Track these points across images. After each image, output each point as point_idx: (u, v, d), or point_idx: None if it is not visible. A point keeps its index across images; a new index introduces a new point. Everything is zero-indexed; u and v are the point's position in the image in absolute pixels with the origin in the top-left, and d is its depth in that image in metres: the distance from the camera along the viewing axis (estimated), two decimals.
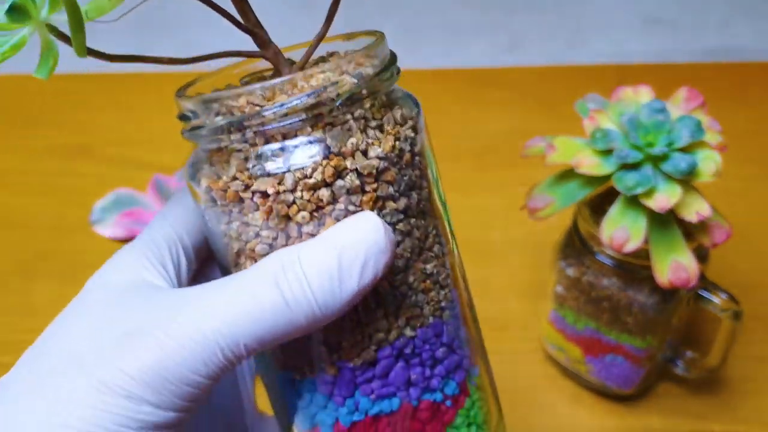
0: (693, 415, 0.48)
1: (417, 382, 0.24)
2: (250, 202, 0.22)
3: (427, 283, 0.24)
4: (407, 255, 0.24)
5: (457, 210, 0.62)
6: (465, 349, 0.26)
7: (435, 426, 0.25)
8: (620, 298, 0.43)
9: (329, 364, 0.24)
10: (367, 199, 0.22)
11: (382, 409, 0.24)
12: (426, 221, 0.25)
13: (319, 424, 0.25)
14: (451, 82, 0.77)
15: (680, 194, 0.38)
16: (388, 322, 0.24)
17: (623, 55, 0.80)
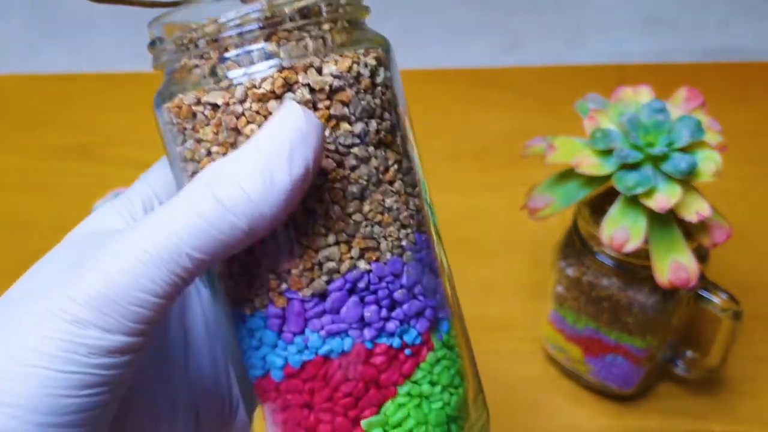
0: (693, 415, 0.48)
1: (371, 321, 0.23)
2: (202, 116, 0.22)
3: (386, 216, 0.23)
4: (363, 182, 0.23)
5: (457, 210, 0.63)
6: (431, 299, 0.25)
7: (391, 375, 0.24)
8: (620, 298, 0.43)
9: (277, 294, 0.23)
10: (318, 116, 0.22)
11: (333, 348, 0.23)
12: (387, 154, 0.24)
13: (270, 367, 0.24)
14: (452, 82, 0.77)
15: (680, 194, 0.38)
16: (340, 251, 0.23)
17: (623, 55, 0.80)
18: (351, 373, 0.23)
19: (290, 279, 0.23)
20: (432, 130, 0.71)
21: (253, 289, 0.24)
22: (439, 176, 0.66)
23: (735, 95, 0.71)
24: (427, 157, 0.74)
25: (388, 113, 0.24)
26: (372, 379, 0.23)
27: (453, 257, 0.61)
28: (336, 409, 0.24)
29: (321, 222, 0.23)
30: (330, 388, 0.23)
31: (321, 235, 0.23)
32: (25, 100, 0.77)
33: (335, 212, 0.23)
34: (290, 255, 0.23)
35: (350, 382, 0.23)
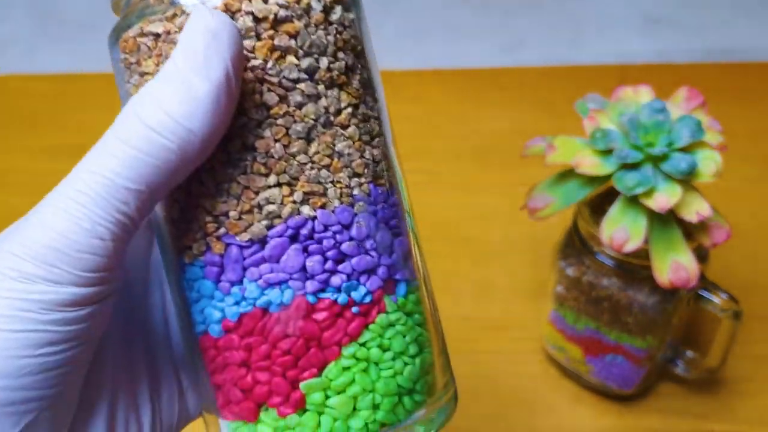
0: (693, 415, 0.48)
1: (314, 273, 0.22)
2: (145, 48, 0.21)
3: (335, 161, 0.22)
4: (310, 121, 0.22)
5: (457, 209, 0.63)
6: (385, 257, 0.23)
7: (335, 334, 0.22)
8: (620, 298, 0.43)
9: (215, 239, 0.22)
10: (261, 45, 0.21)
11: (272, 300, 0.22)
12: (340, 96, 0.22)
13: (208, 321, 0.23)
14: (452, 82, 0.77)
15: (680, 194, 0.38)
16: (282, 193, 0.21)
17: (623, 55, 0.80)
18: (291, 329, 0.22)
19: (228, 222, 0.22)
20: (432, 130, 0.71)
21: (191, 233, 0.22)
22: (439, 176, 0.66)
23: (735, 95, 0.71)
24: (427, 157, 0.74)
25: (343, 53, 0.23)
26: (313, 337, 0.22)
27: (453, 257, 0.61)
28: (274, 369, 0.22)
29: (261, 160, 0.21)
30: (268, 345, 0.22)
31: (261, 174, 0.21)
32: (25, 100, 0.77)
33: (277, 151, 0.21)
34: (228, 195, 0.22)
35: (290, 339, 0.22)
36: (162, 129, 0.19)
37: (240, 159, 0.21)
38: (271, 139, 0.21)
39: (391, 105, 0.82)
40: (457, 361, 0.51)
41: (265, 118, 0.21)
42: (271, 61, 0.21)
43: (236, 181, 0.21)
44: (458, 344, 0.53)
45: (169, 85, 0.19)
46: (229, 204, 0.22)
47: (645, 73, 0.75)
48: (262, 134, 0.21)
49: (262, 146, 0.21)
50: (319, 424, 0.22)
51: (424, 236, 0.66)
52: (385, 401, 0.23)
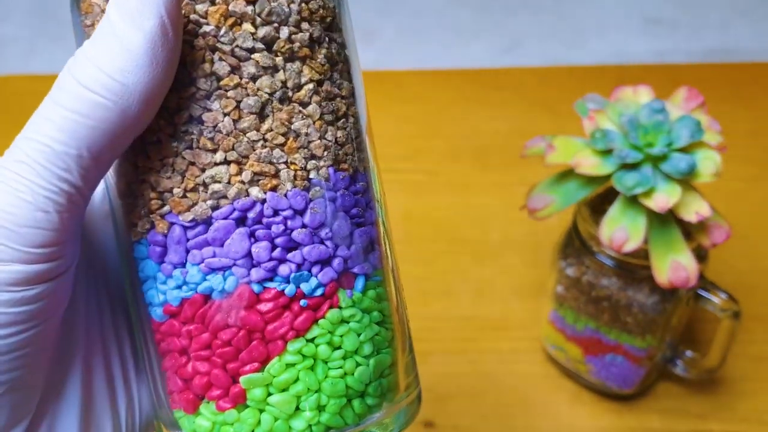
0: (692, 414, 0.48)
1: (260, 260, 0.20)
2: (98, 9, 0.20)
3: (291, 141, 0.20)
4: (264, 95, 0.20)
5: (457, 210, 0.63)
6: (343, 248, 0.21)
7: (280, 327, 0.21)
8: (620, 298, 0.43)
9: (159, 218, 0.21)
10: (214, 10, 0.20)
11: (214, 286, 0.20)
12: (301, 70, 0.21)
13: (151, 303, 0.22)
14: (451, 82, 0.77)
15: (680, 194, 0.38)
16: (229, 172, 0.20)
17: (623, 55, 0.80)
18: (232, 318, 0.20)
19: (171, 199, 0.20)
20: (432, 130, 0.71)
21: (137, 210, 0.21)
22: (439, 176, 0.66)
23: (735, 96, 0.71)
24: (427, 157, 0.74)
25: (308, 24, 0.21)
26: (256, 329, 0.20)
27: (453, 257, 0.61)
28: (214, 359, 0.21)
29: (208, 134, 0.20)
30: (209, 334, 0.21)
31: (207, 150, 0.20)
32: (25, 100, 0.77)
33: (225, 125, 0.20)
34: (172, 170, 0.20)
35: (231, 329, 0.20)
36: (95, 86, 0.18)
37: (186, 132, 0.20)
38: (219, 112, 0.20)
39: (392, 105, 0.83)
40: (457, 361, 0.52)
41: (214, 89, 0.20)
42: (225, 28, 0.20)
43: (181, 156, 0.20)
44: (458, 344, 0.53)
45: (102, 40, 0.18)
46: (173, 180, 0.20)
47: (644, 74, 0.75)
48: (210, 106, 0.20)
49: (209, 119, 0.20)
50: (259, 422, 0.21)
51: (424, 236, 0.67)
52: (331, 403, 0.21)
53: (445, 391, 0.50)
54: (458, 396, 0.50)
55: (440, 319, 0.55)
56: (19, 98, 0.78)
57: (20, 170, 0.18)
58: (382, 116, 0.73)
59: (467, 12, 0.87)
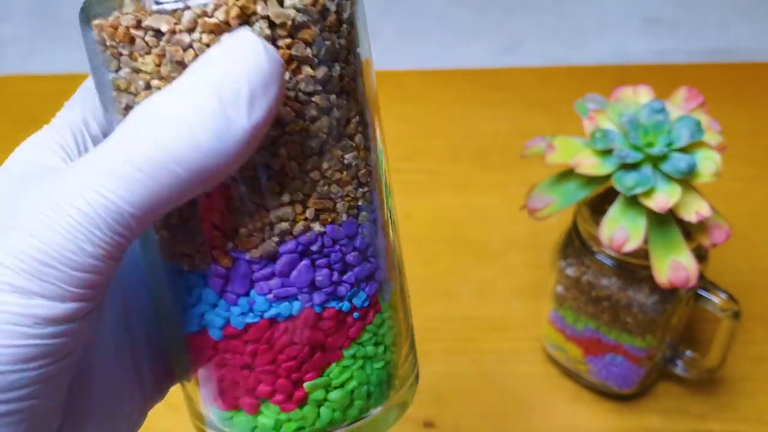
0: (692, 414, 0.48)
1: (322, 286, 0.22)
2: (142, 42, 0.19)
3: (344, 174, 0.21)
4: (323, 136, 0.21)
5: (457, 210, 0.63)
6: (380, 260, 0.23)
7: (338, 339, 0.22)
8: (620, 298, 0.43)
9: (223, 254, 0.21)
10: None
11: (281, 313, 0.22)
12: (349, 103, 0.21)
13: (208, 325, 0.22)
14: (451, 82, 0.77)
15: (680, 194, 0.38)
16: (294, 212, 0.21)
17: (623, 55, 0.80)
18: (297, 337, 0.22)
19: (238, 239, 0.21)
20: (432, 130, 0.71)
21: (193, 244, 0.21)
22: (440, 176, 0.66)
23: (735, 96, 0.71)
24: (427, 157, 0.74)
25: (352, 56, 0.21)
26: (319, 344, 0.22)
27: (453, 257, 0.61)
28: (278, 372, 0.22)
29: (276, 179, 0.20)
30: (274, 351, 0.22)
31: (275, 193, 0.21)
32: (25, 100, 0.77)
33: (292, 169, 0.20)
34: (239, 213, 0.21)
35: (296, 346, 0.22)
36: (179, 156, 0.18)
37: (253, 177, 0.20)
38: (285, 157, 0.20)
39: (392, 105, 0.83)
40: (458, 361, 0.52)
41: (280, 134, 0.20)
42: (288, 74, 0.20)
43: (248, 200, 0.21)
44: (458, 344, 0.53)
45: (198, 108, 0.18)
46: (239, 221, 0.21)
47: (644, 74, 0.75)
48: (276, 152, 0.20)
49: (276, 164, 0.20)
50: (319, 415, 0.23)
51: (424, 236, 0.67)
52: (376, 389, 0.24)
53: (446, 391, 0.50)
54: (459, 396, 0.50)
55: (441, 319, 0.55)
56: (19, 98, 0.79)
57: (83, 221, 0.18)
58: (383, 116, 0.73)
59: (467, 12, 0.87)
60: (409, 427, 0.48)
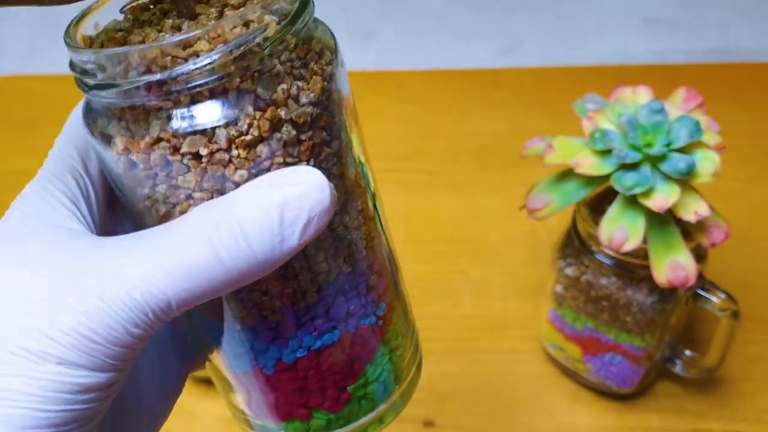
0: (691, 413, 0.48)
1: (355, 312, 0.25)
2: (180, 165, 0.20)
3: (360, 219, 0.24)
4: (343, 198, 0.23)
5: (457, 210, 0.63)
6: (390, 269, 0.26)
7: (371, 345, 0.26)
8: (619, 298, 0.43)
9: (272, 312, 0.23)
10: (304, 149, 0.21)
11: (324, 343, 0.24)
12: (351, 158, 0.24)
13: (260, 365, 0.25)
14: (451, 82, 0.77)
15: (678, 194, 0.38)
16: (329, 265, 0.23)
17: (622, 55, 0.80)
18: (339, 357, 0.25)
19: (284, 298, 0.23)
20: (432, 130, 0.71)
21: (243, 309, 0.24)
22: (439, 176, 0.67)
23: (733, 96, 0.71)
24: (426, 158, 0.74)
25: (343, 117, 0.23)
26: (356, 356, 0.25)
27: (453, 257, 0.61)
28: (326, 385, 0.25)
29: (313, 246, 0.23)
30: (321, 372, 0.25)
31: (312, 257, 0.23)
32: (25, 100, 0.77)
33: (324, 233, 0.23)
34: (284, 279, 0.23)
35: (339, 363, 0.25)
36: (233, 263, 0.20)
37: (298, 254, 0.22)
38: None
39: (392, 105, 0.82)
40: (457, 360, 0.52)
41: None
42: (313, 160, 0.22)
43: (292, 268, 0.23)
44: (458, 343, 0.53)
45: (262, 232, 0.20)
46: (286, 285, 0.23)
47: (643, 74, 0.75)
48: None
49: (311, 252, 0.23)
50: (361, 406, 0.26)
51: (424, 236, 0.67)
52: (401, 370, 0.27)
53: (446, 390, 0.50)
54: (458, 395, 0.50)
55: (440, 319, 0.55)
56: (19, 98, 0.79)
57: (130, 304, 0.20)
58: (382, 116, 0.73)
59: (467, 12, 0.87)
60: (409, 426, 0.48)
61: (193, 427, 0.49)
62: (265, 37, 0.20)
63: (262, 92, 0.20)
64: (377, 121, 0.72)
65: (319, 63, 0.22)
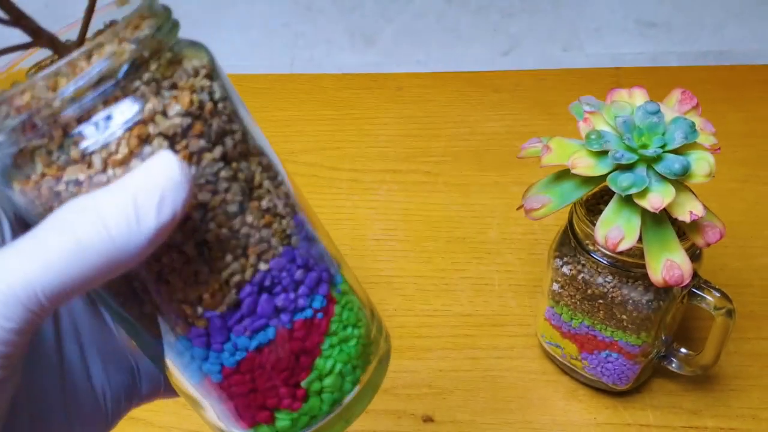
0: (687, 410, 0.49)
1: (285, 307, 0.25)
2: (67, 194, 0.22)
3: (267, 217, 0.25)
4: (239, 198, 0.24)
5: (455, 209, 0.63)
6: (321, 264, 0.27)
7: (313, 338, 0.26)
8: (615, 296, 0.44)
9: (197, 318, 0.24)
10: (180, 158, 0.22)
11: (261, 342, 0.25)
12: (248, 162, 0.25)
13: (207, 373, 0.26)
14: (450, 84, 0.77)
15: (674, 194, 0.38)
16: (240, 264, 0.24)
17: (618, 58, 0.80)
18: (281, 353, 0.26)
19: (204, 303, 0.24)
20: (431, 131, 0.72)
21: (170, 321, 0.25)
22: (438, 177, 0.67)
23: (728, 97, 0.72)
24: (426, 158, 0.75)
25: (236, 123, 0.24)
26: (300, 350, 0.26)
27: (451, 255, 0.62)
28: (277, 383, 0.26)
29: (217, 248, 0.24)
30: (267, 371, 0.26)
31: (220, 258, 0.24)
32: None
33: (225, 235, 0.24)
34: (197, 283, 0.24)
35: (283, 360, 0.26)
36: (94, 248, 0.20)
37: (198, 254, 0.24)
38: (217, 228, 0.24)
39: (392, 107, 0.83)
40: (456, 357, 0.53)
41: (206, 214, 0.23)
42: (194, 167, 0.23)
43: (201, 272, 0.24)
44: (456, 340, 0.54)
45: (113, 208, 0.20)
46: (200, 289, 0.24)
47: (639, 76, 0.76)
48: (209, 227, 0.23)
49: (213, 237, 0.24)
50: (322, 400, 0.27)
51: (424, 235, 0.67)
52: (360, 360, 0.28)
53: (444, 386, 0.51)
54: (456, 391, 0.50)
55: (439, 316, 0.55)
56: None
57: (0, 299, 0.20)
58: (383, 118, 0.74)
59: (466, 15, 0.88)
60: (408, 421, 0.49)
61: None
62: (119, 62, 0.22)
63: (127, 113, 0.22)
64: (377, 122, 0.73)
65: (189, 79, 0.23)
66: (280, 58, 0.84)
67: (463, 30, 0.86)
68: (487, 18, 0.87)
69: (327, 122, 0.73)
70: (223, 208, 0.24)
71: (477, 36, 0.85)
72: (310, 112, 0.75)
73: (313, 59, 0.83)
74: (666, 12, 0.86)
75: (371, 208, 0.63)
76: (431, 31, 0.86)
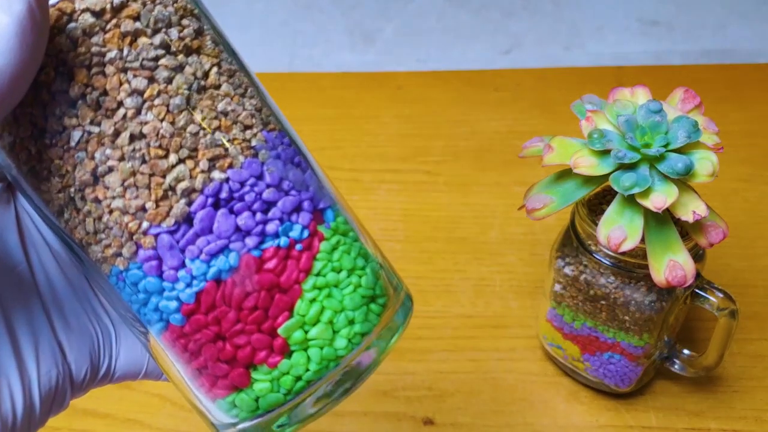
0: (690, 412, 0.49)
1: (249, 229, 0.23)
2: None
3: (224, 121, 0.23)
4: (184, 92, 0.22)
5: (456, 209, 0.63)
6: (305, 192, 0.24)
7: (290, 274, 0.23)
8: (617, 297, 0.43)
9: (142, 235, 0.22)
10: (109, 36, 0.21)
11: (221, 268, 0.22)
12: (200, 59, 0.23)
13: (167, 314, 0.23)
14: (450, 83, 0.77)
15: (677, 194, 0.38)
16: (188, 168, 0.22)
17: (620, 56, 0.80)
18: (249, 287, 0.23)
19: (147, 214, 0.22)
20: (432, 130, 0.71)
21: (114, 240, 0.23)
22: (439, 176, 0.67)
23: (731, 96, 0.72)
24: (426, 158, 0.75)
25: (187, 20, 0.23)
26: (273, 285, 0.23)
27: (451, 256, 0.62)
28: (248, 328, 0.23)
29: (155, 144, 0.22)
30: (234, 310, 0.23)
31: (160, 157, 0.22)
32: None
33: (166, 129, 0.22)
34: (137, 188, 0.22)
35: (252, 296, 0.23)
36: None
37: (134, 150, 0.22)
38: (156, 120, 0.22)
39: (391, 106, 0.82)
40: (456, 359, 0.52)
41: (142, 103, 0.22)
42: (126, 48, 0.22)
43: (140, 173, 0.22)
44: (457, 341, 0.54)
45: None
46: (141, 197, 0.22)
47: (642, 75, 0.75)
48: (146, 119, 0.22)
49: (150, 130, 0.22)
50: (309, 358, 0.24)
51: (424, 235, 0.67)
52: (357, 314, 0.24)
53: (445, 388, 0.50)
54: (457, 393, 0.50)
55: (439, 317, 0.55)
56: None
57: None
58: (383, 117, 0.74)
59: (466, 14, 0.88)
60: (408, 424, 0.48)
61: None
62: None
63: None
64: (377, 121, 0.73)
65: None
66: (279, 57, 0.83)
67: (464, 29, 0.86)
68: (488, 16, 0.87)
69: (326, 121, 0.73)
70: (164, 99, 0.22)
71: (477, 35, 0.85)
72: (309, 111, 0.74)
73: (312, 58, 0.83)
74: (668, 10, 0.85)
75: (371, 208, 0.63)
76: (431, 29, 0.86)
